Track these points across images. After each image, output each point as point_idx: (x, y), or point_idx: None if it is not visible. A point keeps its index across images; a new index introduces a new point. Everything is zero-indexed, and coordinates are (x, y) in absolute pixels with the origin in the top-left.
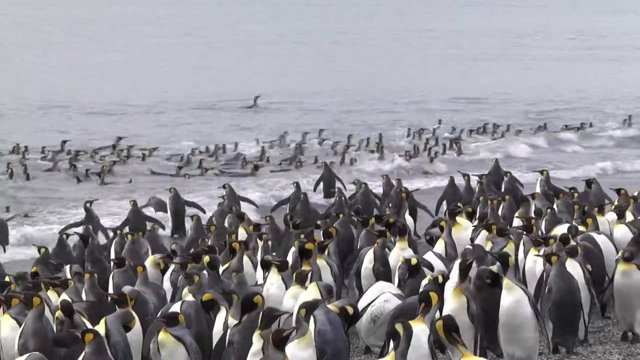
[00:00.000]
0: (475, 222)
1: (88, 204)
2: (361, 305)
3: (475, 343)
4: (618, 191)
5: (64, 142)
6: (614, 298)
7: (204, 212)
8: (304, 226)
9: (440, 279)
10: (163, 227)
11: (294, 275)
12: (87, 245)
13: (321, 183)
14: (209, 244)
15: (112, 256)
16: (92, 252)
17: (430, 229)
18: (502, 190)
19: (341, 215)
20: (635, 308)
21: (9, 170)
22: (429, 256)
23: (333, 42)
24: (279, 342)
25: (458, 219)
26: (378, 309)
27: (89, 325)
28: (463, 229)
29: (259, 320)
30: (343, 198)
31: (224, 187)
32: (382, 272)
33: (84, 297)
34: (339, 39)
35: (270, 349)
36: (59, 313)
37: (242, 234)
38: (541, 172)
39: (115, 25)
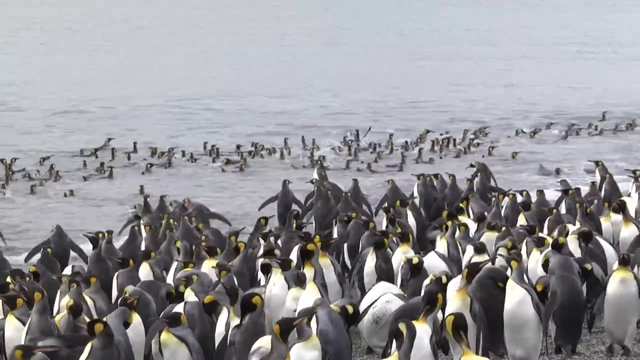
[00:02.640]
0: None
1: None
2: (363, 306)
3: (477, 343)
4: (565, 192)
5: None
6: (604, 306)
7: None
8: (321, 225)
9: (444, 279)
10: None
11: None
12: (95, 246)
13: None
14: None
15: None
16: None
17: (430, 232)
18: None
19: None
20: (629, 321)
21: None
22: (432, 256)
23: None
24: (284, 331)
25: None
26: (380, 310)
27: None
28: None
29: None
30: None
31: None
32: (384, 269)
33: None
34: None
35: (273, 340)
36: (58, 318)
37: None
38: (476, 173)
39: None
